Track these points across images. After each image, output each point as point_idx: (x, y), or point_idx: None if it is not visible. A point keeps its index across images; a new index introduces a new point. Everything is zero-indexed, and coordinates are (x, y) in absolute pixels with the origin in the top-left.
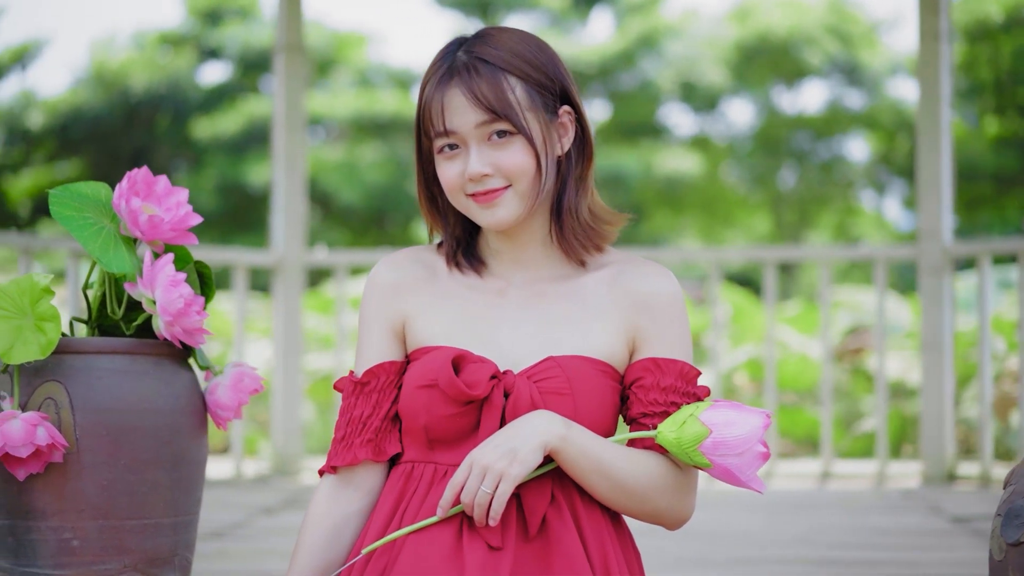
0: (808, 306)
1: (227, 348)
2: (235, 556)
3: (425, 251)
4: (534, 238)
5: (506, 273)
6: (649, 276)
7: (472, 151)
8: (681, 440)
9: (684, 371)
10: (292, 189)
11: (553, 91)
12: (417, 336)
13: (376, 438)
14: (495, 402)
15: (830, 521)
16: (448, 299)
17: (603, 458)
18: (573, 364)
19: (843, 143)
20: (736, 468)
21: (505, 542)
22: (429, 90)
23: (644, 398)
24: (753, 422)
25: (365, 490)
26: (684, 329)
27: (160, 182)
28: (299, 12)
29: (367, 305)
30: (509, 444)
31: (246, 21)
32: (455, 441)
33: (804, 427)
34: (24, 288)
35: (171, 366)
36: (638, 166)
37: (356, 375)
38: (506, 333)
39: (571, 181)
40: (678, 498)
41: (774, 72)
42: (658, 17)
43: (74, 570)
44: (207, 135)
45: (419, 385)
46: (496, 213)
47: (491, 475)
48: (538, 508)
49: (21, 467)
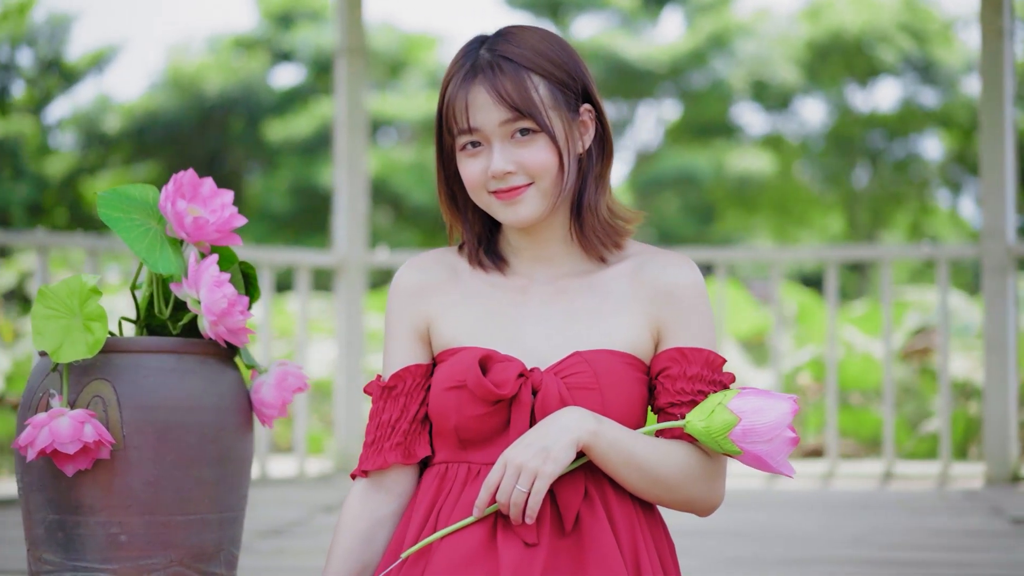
0: (875, 306)
1: (292, 348)
2: (292, 553)
3: (447, 253)
4: (555, 235)
5: (528, 271)
6: (670, 266)
7: (495, 148)
8: (710, 429)
9: (710, 359)
10: (354, 190)
11: (575, 89)
12: (442, 338)
13: (405, 441)
14: (524, 400)
15: (888, 522)
16: (472, 299)
17: (634, 450)
18: (599, 358)
19: (917, 141)
20: (766, 454)
21: (540, 538)
22: (452, 87)
23: (671, 388)
24: (781, 408)
25: (396, 493)
26: (707, 317)
27: (205, 184)
28: (359, 15)
29: (391, 309)
30: (542, 442)
31: (317, 23)
32: (486, 440)
33: (870, 428)
34: (73, 289)
35: (216, 365)
36: (710, 166)
37: (383, 379)
38: (531, 330)
39: (591, 179)
40: (708, 485)
41: (847, 70)
42: (729, 16)
43: (121, 564)
44: (280, 137)
45: (447, 387)
46: (518, 211)
47: (526, 474)
48: (572, 503)
49: (70, 463)
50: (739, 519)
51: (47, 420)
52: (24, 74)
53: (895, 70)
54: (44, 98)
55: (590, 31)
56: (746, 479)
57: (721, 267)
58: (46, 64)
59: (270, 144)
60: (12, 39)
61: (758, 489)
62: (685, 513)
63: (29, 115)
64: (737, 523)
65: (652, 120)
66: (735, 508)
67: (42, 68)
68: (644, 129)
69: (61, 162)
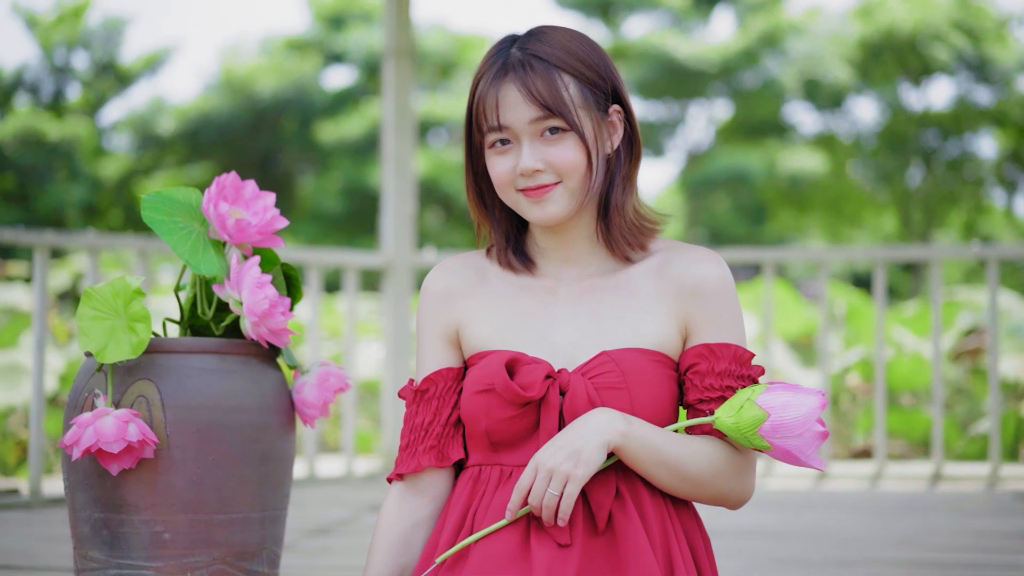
0: (926, 307)
1: (342, 348)
2: (338, 552)
3: (475, 256)
4: (581, 235)
5: (555, 271)
6: (696, 262)
7: (525, 146)
8: (740, 425)
9: (738, 354)
10: (402, 191)
11: (604, 89)
12: (472, 341)
13: (439, 444)
14: (552, 402)
15: (936, 523)
16: (499, 301)
17: (664, 449)
18: (626, 357)
19: (971, 140)
20: (795, 449)
21: (573, 539)
22: (483, 85)
23: (700, 384)
24: (810, 403)
25: (432, 496)
26: (735, 312)
27: (248, 187)
28: (407, 17)
29: (422, 314)
30: (572, 445)
31: (369, 25)
32: (517, 442)
33: (920, 429)
34: (117, 290)
35: (259, 365)
36: (762, 165)
37: (416, 383)
38: (559, 331)
39: (619, 179)
40: (739, 479)
41: (900, 69)
42: (781, 15)
43: (165, 562)
44: (332, 138)
45: (477, 390)
46: (546, 209)
47: (557, 477)
48: (604, 503)
49: (114, 462)
50: (786, 520)
51: (92, 420)
52: (79, 77)
53: (949, 68)
54: (99, 100)
55: (641, 31)
56: (794, 480)
57: (769, 267)
58: (101, 67)
59: (322, 145)
60: (68, 42)
61: (806, 490)
62: (726, 511)
63: (84, 117)
64: (784, 524)
65: (703, 120)
66: (782, 509)
67: (97, 71)
68: (695, 129)
69: (116, 164)
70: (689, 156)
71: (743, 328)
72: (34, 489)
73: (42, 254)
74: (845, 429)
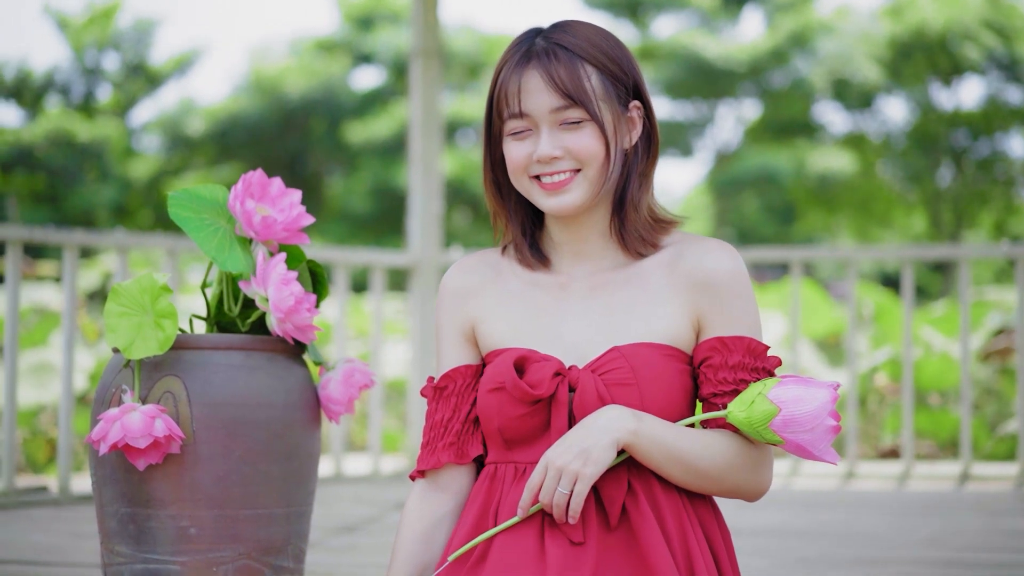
0: (955, 307)
1: (368, 347)
2: (364, 550)
3: (491, 254)
4: (594, 230)
5: (568, 267)
6: (708, 254)
7: (544, 134)
8: (751, 419)
9: (751, 347)
10: (428, 191)
11: (626, 84)
12: (487, 339)
13: (458, 441)
14: (561, 399)
15: (963, 523)
16: (513, 298)
17: (676, 445)
18: (637, 352)
19: (1002, 139)
20: (807, 443)
21: (587, 536)
22: (506, 71)
23: (713, 377)
24: (821, 397)
25: (453, 492)
26: (749, 304)
27: (274, 184)
28: (435, 17)
29: (440, 312)
30: (582, 444)
31: (397, 25)
32: (530, 439)
33: (948, 429)
34: (144, 287)
35: (284, 361)
36: (790, 165)
37: (435, 381)
38: (570, 327)
39: (635, 175)
40: (754, 473)
41: (930, 68)
42: (810, 14)
43: (191, 557)
44: (360, 139)
45: (489, 389)
46: (563, 199)
47: (566, 476)
48: (616, 499)
49: (141, 457)
50: (814, 519)
51: (119, 415)
52: (110, 78)
53: (979, 68)
54: (129, 101)
55: (670, 30)
56: (821, 479)
57: (797, 266)
58: (131, 68)
59: (351, 146)
60: (98, 43)
61: (833, 490)
62: (750, 510)
63: (115, 118)
64: (811, 523)
65: (732, 119)
66: (809, 508)
67: (127, 72)
68: (724, 128)
69: (145, 164)
70: (718, 156)
71: (757, 320)
72: (63, 486)
73: (72, 253)
74: (873, 429)
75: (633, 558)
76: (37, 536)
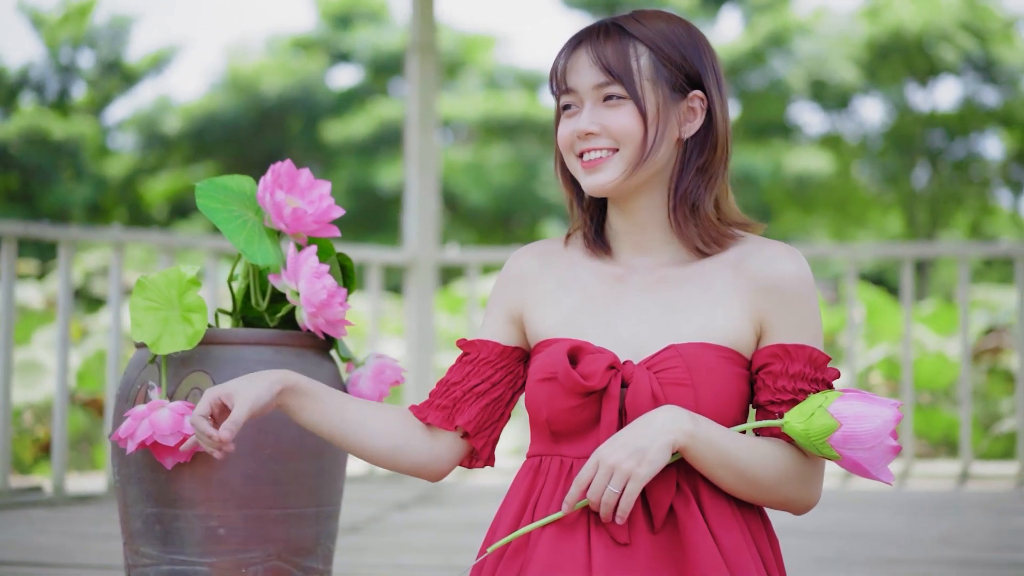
0: (943, 305)
1: (361, 346)
2: (373, 550)
3: (553, 243)
4: (653, 219)
5: (627, 259)
6: (775, 258)
7: (585, 109)
8: (809, 432)
9: (813, 357)
10: (425, 188)
11: (685, 71)
12: (537, 326)
13: (452, 406)
14: (613, 393)
15: (973, 522)
16: (569, 287)
17: (729, 451)
18: (694, 352)
19: (978, 141)
20: (865, 461)
21: (632, 537)
22: (563, 50)
23: (772, 385)
24: (884, 415)
25: (429, 445)
26: (813, 312)
27: (303, 175)
28: (431, 12)
29: (495, 287)
30: (637, 443)
31: (376, 24)
32: (578, 433)
33: (941, 428)
34: (172, 280)
35: (314, 357)
36: (767, 165)
37: None
38: (626, 321)
39: (691, 168)
40: (805, 487)
41: (907, 69)
42: (788, 15)
43: (220, 558)
44: (338, 138)
45: (540, 379)
46: (597, 177)
47: (619, 475)
48: (663, 500)
49: (169, 456)
50: (822, 518)
51: (147, 412)
52: (85, 75)
53: (955, 69)
54: (104, 99)
55: None
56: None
57: None
58: (106, 66)
59: (328, 145)
60: (73, 41)
61: (834, 488)
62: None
63: (89, 116)
64: (821, 522)
65: None
66: (818, 507)
67: (102, 70)
68: None
69: (121, 163)
70: None
71: (820, 330)
72: (58, 486)
73: (67, 248)
74: None
75: (682, 562)
76: (38, 537)
